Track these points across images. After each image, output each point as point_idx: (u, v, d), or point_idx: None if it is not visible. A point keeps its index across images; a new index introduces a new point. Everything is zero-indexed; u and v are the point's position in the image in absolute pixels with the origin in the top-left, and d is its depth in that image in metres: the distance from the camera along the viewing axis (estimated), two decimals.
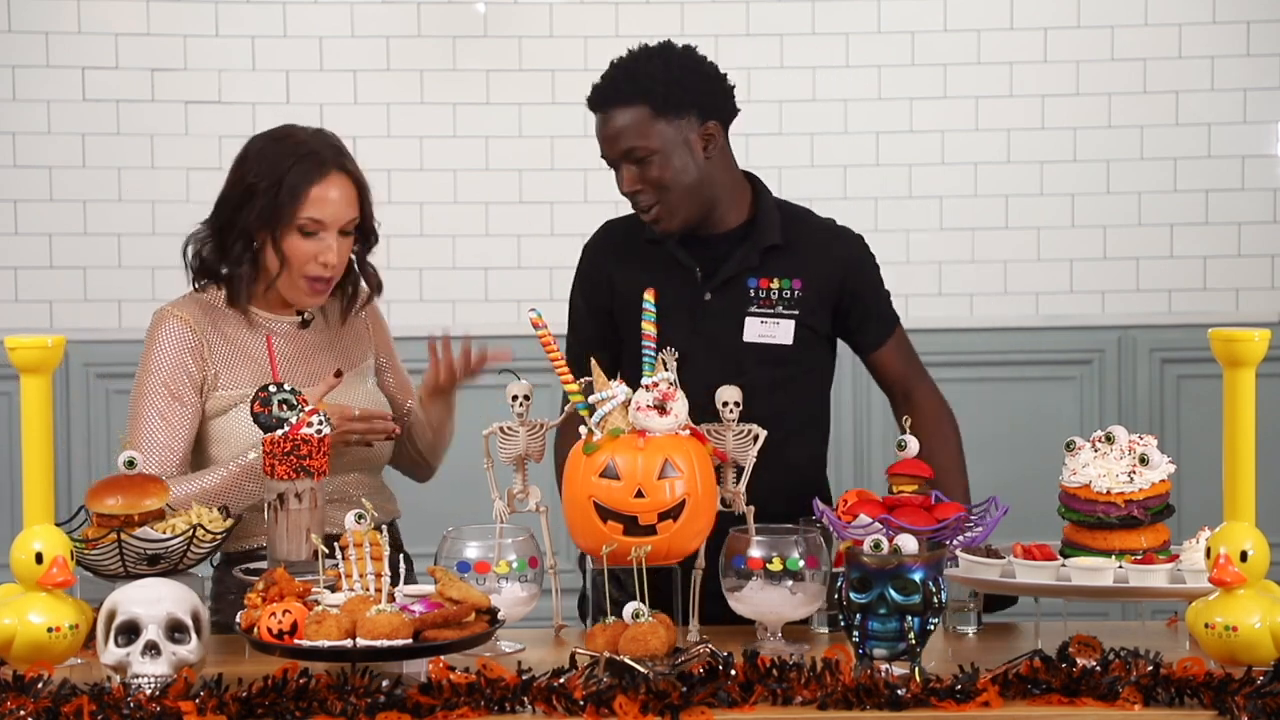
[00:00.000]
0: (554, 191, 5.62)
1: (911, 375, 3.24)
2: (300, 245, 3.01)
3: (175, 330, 3.04)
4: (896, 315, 3.26)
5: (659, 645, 2.34)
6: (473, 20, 5.60)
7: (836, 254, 3.18)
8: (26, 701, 2.24)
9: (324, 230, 3.01)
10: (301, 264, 3.02)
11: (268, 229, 3.00)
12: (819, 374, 3.23)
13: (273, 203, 2.99)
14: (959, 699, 2.27)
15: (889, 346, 3.23)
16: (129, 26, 5.51)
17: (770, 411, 2.88)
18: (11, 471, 5.23)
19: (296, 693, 2.26)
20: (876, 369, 3.25)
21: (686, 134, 3.07)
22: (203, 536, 2.67)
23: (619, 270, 3.20)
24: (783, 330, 3.14)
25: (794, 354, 3.14)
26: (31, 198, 5.51)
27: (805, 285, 3.14)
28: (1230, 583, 2.35)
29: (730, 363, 3.08)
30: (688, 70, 3.09)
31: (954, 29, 5.59)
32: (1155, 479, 2.69)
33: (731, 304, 3.14)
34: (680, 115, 3.06)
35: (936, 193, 5.52)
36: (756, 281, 3.14)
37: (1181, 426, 5.47)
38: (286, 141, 3.04)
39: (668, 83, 3.06)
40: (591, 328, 3.23)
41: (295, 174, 2.99)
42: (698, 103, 3.08)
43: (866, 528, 2.62)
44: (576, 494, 2.62)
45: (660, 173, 3.06)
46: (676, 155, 3.06)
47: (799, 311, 3.14)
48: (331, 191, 3.01)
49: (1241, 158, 5.60)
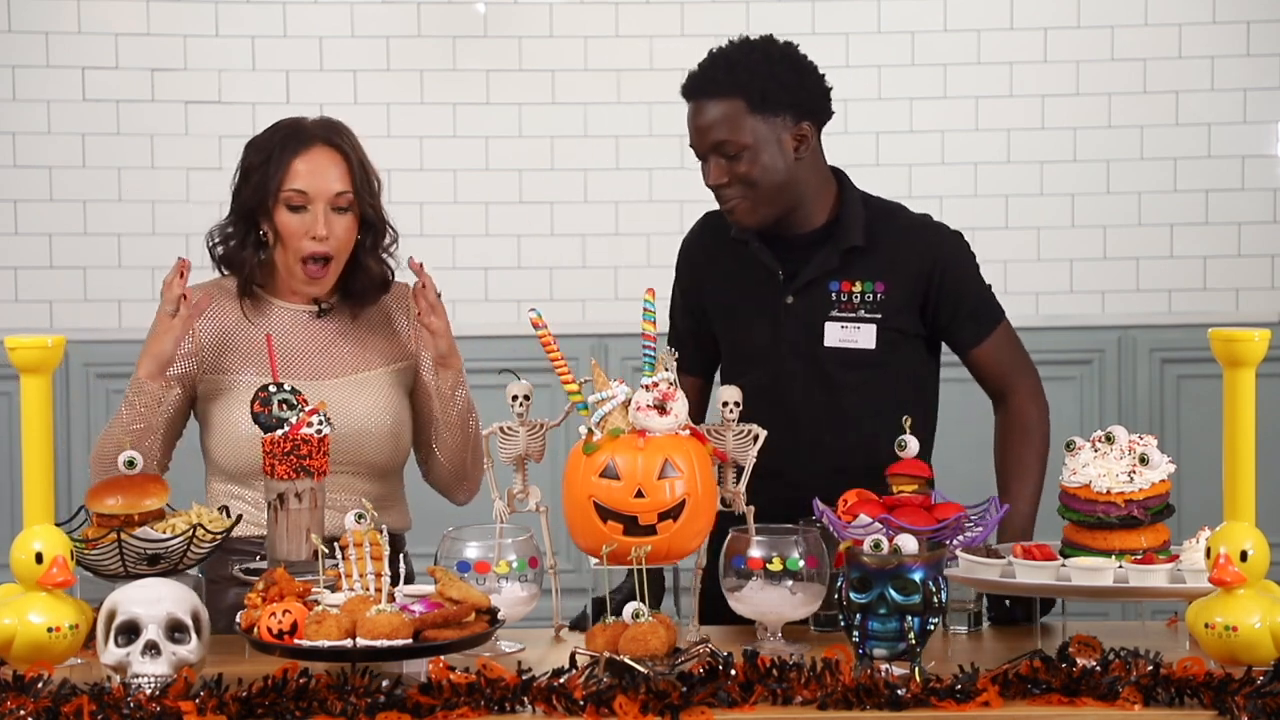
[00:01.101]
0: (554, 191, 5.63)
1: (1008, 377, 3.15)
2: (289, 220, 3.01)
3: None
4: (999, 313, 3.17)
5: (659, 645, 2.34)
6: (473, 20, 5.61)
7: (921, 253, 3.11)
8: (26, 701, 2.24)
9: (310, 203, 3.00)
10: (295, 241, 3.01)
11: (262, 207, 3.02)
12: (911, 374, 3.15)
13: (262, 179, 3.01)
14: (959, 699, 2.26)
15: (985, 347, 3.14)
16: (129, 26, 5.51)
17: (856, 413, 2.88)
18: (11, 471, 5.23)
19: (296, 693, 2.25)
20: (972, 368, 3.17)
21: (779, 133, 3.03)
22: (203, 536, 2.67)
23: (710, 265, 3.20)
24: (864, 335, 3.09)
25: (878, 357, 3.09)
26: (31, 198, 5.52)
27: (889, 288, 3.09)
28: (1230, 582, 2.35)
29: (812, 366, 3.08)
30: (787, 68, 3.05)
31: (954, 29, 5.59)
32: (1155, 479, 2.69)
33: (812, 308, 3.10)
34: (775, 114, 3.02)
35: (936, 193, 5.52)
36: (839, 285, 3.10)
37: (1181, 426, 5.47)
38: (279, 123, 3.09)
39: (766, 78, 3.02)
40: (687, 321, 3.25)
41: (280, 149, 3.02)
42: (794, 102, 3.04)
43: (866, 528, 2.62)
44: (576, 494, 2.62)
45: (749, 169, 3.03)
46: (767, 152, 3.03)
47: (882, 315, 3.09)
48: (314, 162, 3.01)
49: (1241, 158, 5.61)
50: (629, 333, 3.40)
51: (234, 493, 3.06)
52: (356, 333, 3.14)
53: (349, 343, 3.12)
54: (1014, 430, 3.14)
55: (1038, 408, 3.16)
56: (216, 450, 3.08)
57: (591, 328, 5.48)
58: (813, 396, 3.08)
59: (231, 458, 3.05)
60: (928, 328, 3.15)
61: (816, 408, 3.08)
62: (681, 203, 5.51)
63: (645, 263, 5.43)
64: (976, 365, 3.17)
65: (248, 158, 3.07)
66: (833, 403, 3.09)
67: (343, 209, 3.03)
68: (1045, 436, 3.15)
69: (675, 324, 3.29)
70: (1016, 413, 3.15)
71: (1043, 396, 3.18)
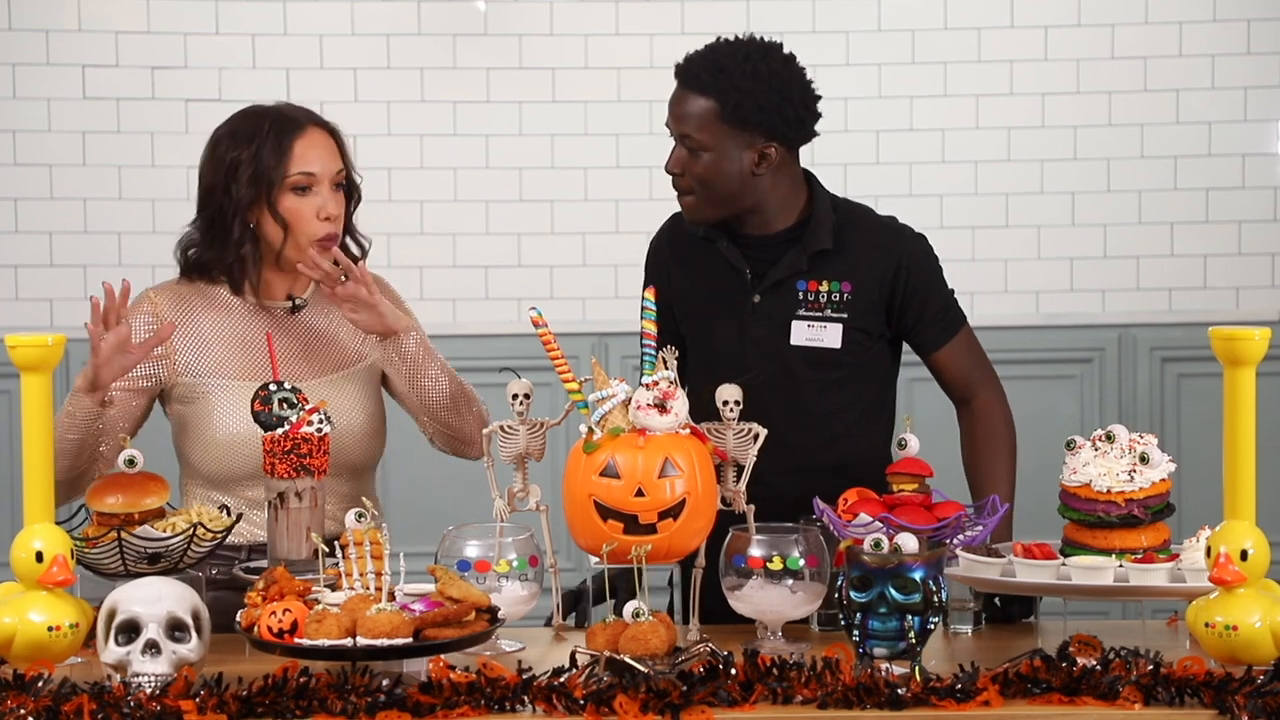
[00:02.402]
0: (554, 190, 5.62)
1: (972, 381, 3.18)
2: (297, 204, 2.99)
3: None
4: (961, 317, 3.19)
5: (659, 644, 2.34)
6: (473, 18, 5.60)
7: (888, 254, 3.13)
8: (27, 700, 2.24)
9: (316, 183, 2.99)
10: (304, 224, 2.99)
11: (261, 197, 2.98)
12: (875, 374, 3.18)
13: (260, 168, 2.98)
14: (959, 698, 2.26)
15: (948, 350, 3.16)
16: (129, 24, 5.51)
17: (822, 411, 2.88)
18: (12, 470, 5.23)
19: (297, 691, 2.25)
20: (935, 371, 3.19)
21: (743, 147, 3.04)
22: (203, 535, 2.67)
23: (677, 265, 3.21)
24: (830, 334, 3.11)
25: (843, 356, 3.11)
26: (32, 196, 5.51)
27: (855, 288, 3.11)
28: (1230, 582, 2.35)
29: (778, 364, 3.09)
30: (772, 89, 3.04)
31: (954, 27, 5.59)
32: (1155, 478, 2.69)
33: (779, 307, 3.12)
34: (744, 128, 3.03)
35: (937, 191, 5.52)
36: (805, 284, 3.11)
37: (1182, 425, 5.47)
38: (250, 114, 3.05)
39: (745, 93, 3.02)
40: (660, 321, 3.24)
41: (274, 136, 2.99)
42: (766, 123, 3.04)
43: (867, 526, 2.62)
44: (577, 493, 2.62)
45: (704, 170, 3.05)
46: (726, 160, 3.04)
47: (848, 315, 3.11)
48: (312, 143, 3.00)
49: (1242, 156, 5.60)
50: (629, 331, 3.40)
51: (212, 498, 3.01)
52: (330, 330, 3.11)
53: (319, 343, 3.10)
54: (982, 433, 3.16)
55: (1003, 409, 3.19)
56: (193, 455, 3.04)
57: (592, 326, 5.48)
58: (778, 395, 3.08)
59: (209, 462, 3.02)
60: (892, 329, 3.17)
61: (781, 406, 3.07)
62: None
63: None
64: (940, 368, 3.19)
65: (229, 152, 3.00)
66: (797, 401, 3.09)
67: (340, 185, 3.04)
68: (1013, 439, 3.18)
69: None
70: (983, 416, 3.17)
71: (1005, 399, 3.20)
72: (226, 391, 3.00)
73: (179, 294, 3.07)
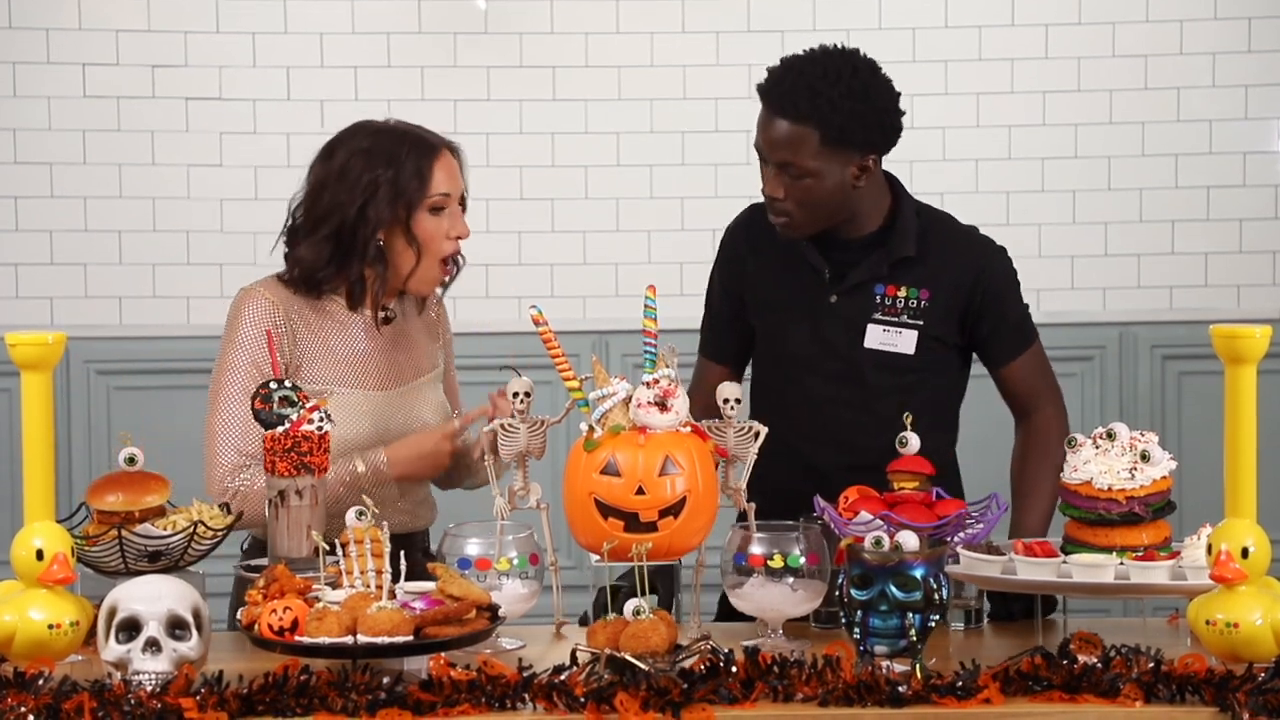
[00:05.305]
0: (554, 188, 5.62)
1: (1034, 397, 3.19)
2: (432, 224, 3.03)
3: (263, 308, 3.02)
4: (1033, 334, 3.20)
5: (660, 642, 2.34)
6: (473, 17, 5.60)
7: (969, 265, 3.13)
8: (27, 698, 2.24)
9: (449, 204, 3.06)
10: (436, 243, 3.04)
11: (400, 216, 3.01)
12: (945, 383, 3.19)
13: (399, 189, 3.00)
14: (960, 696, 2.26)
15: (1016, 365, 3.17)
16: (129, 23, 5.50)
17: (888, 414, 2.88)
18: (12, 468, 5.23)
19: (297, 689, 2.25)
20: (1000, 384, 3.20)
21: (846, 164, 3.04)
22: (203, 533, 2.67)
23: (753, 257, 3.22)
24: (905, 340, 3.11)
25: (916, 363, 3.11)
26: (32, 194, 5.51)
27: (933, 296, 3.11)
28: (1231, 579, 2.35)
29: (848, 366, 3.10)
30: (868, 105, 3.03)
31: (955, 25, 5.59)
32: (1156, 475, 2.69)
33: (856, 309, 3.12)
34: (846, 149, 3.03)
35: (937, 189, 5.49)
36: (884, 289, 3.12)
37: (1183, 423, 5.47)
38: (383, 135, 3.06)
39: (847, 115, 3.01)
40: (725, 307, 3.26)
41: (413, 157, 3.03)
42: (867, 139, 3.04)
43: (868, 524, 2.62)
44: (577, 491, 2.62)
45: (807, 193, 3.04)
46: (830, 180, 3.03)
47: (924, 322, 3.11)
48: (448, 165, 3.07)
49: (1243, 154, 5.60)
50: (630, 329, 3.40)
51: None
52: (411, 331, 3.17)
53: (403, 351, 3.14)
54: (1035, 447, 3.17)
55: (1059, 426, 3.18)
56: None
57: (592, 324, 5.48)
58: (846, 396, 3.10)
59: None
60: (965, 338, 3.16)
61: (847, 407, 3.10)
62: (682, 199, 5.52)
63: (646, 259, 5.42)
64: (1006, 381, 3.20)
65: (365, 172, 3.00)
66: (865, 404, 3.10)
67: (464, 205, 3.11)
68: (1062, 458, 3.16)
69: (712, 308, 3.31)
70: (1040, 431, 3.18)
71: (1066, 419, 3.21)
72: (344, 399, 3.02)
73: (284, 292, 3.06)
